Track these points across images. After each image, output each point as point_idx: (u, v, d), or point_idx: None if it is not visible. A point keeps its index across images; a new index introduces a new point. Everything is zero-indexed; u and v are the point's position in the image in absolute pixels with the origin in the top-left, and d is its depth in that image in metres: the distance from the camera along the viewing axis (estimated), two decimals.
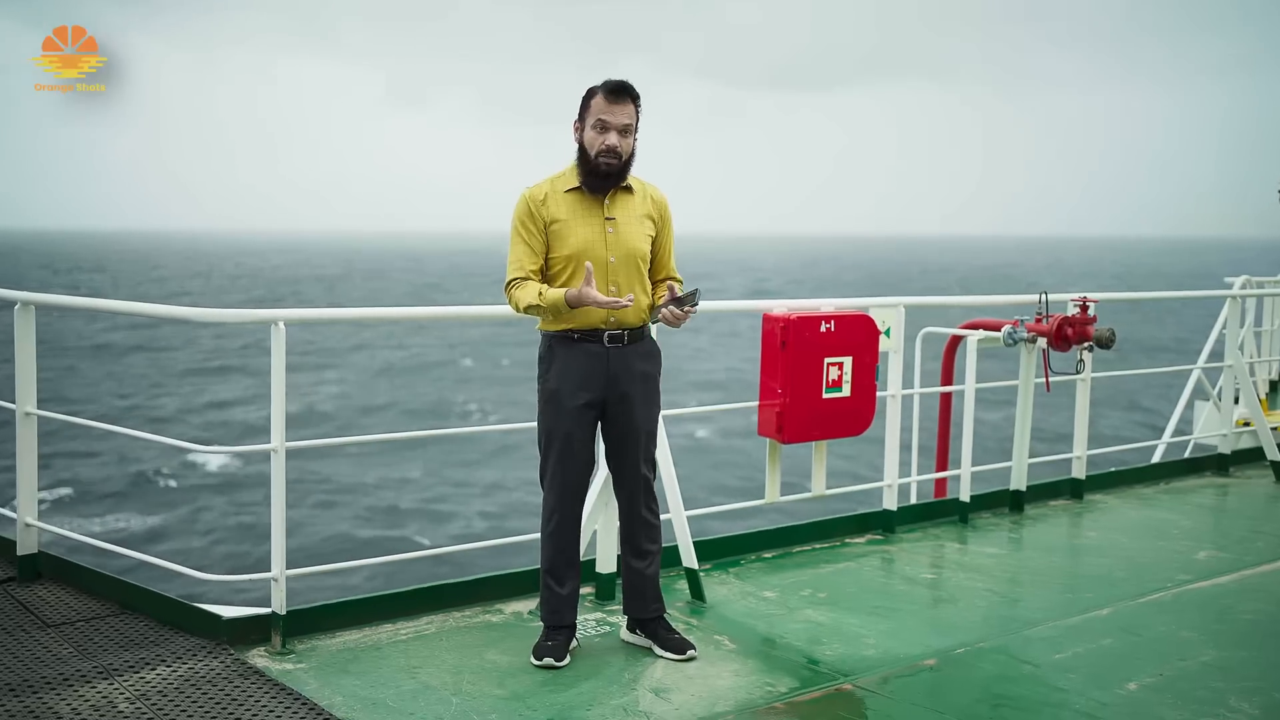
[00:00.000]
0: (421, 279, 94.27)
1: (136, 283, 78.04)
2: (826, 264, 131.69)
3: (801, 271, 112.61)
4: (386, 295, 71.91)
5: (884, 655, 4.33)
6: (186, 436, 27.33)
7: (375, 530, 19.63)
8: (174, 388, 35.10)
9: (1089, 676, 4.15)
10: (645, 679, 4.02)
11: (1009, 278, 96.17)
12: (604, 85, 4.00)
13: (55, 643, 4.12)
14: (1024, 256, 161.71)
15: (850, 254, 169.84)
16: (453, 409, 32.98)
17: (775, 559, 5.59)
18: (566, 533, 4.19)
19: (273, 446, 4.15)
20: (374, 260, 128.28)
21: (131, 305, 4.67)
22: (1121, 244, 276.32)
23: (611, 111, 3.98)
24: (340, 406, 32.42)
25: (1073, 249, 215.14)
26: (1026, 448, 6.69)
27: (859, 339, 5.46)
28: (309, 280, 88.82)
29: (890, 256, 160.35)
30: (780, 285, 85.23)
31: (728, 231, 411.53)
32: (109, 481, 22.46)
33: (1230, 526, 6.74)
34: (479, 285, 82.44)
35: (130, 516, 20.28)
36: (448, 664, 4.09)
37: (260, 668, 3.97)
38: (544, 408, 4.13)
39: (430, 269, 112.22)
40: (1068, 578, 5.49)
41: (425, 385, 36.83)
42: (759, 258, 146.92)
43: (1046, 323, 6.52)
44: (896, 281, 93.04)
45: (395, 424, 29.61)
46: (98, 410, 29.89)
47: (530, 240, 4.05)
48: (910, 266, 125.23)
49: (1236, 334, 8.17)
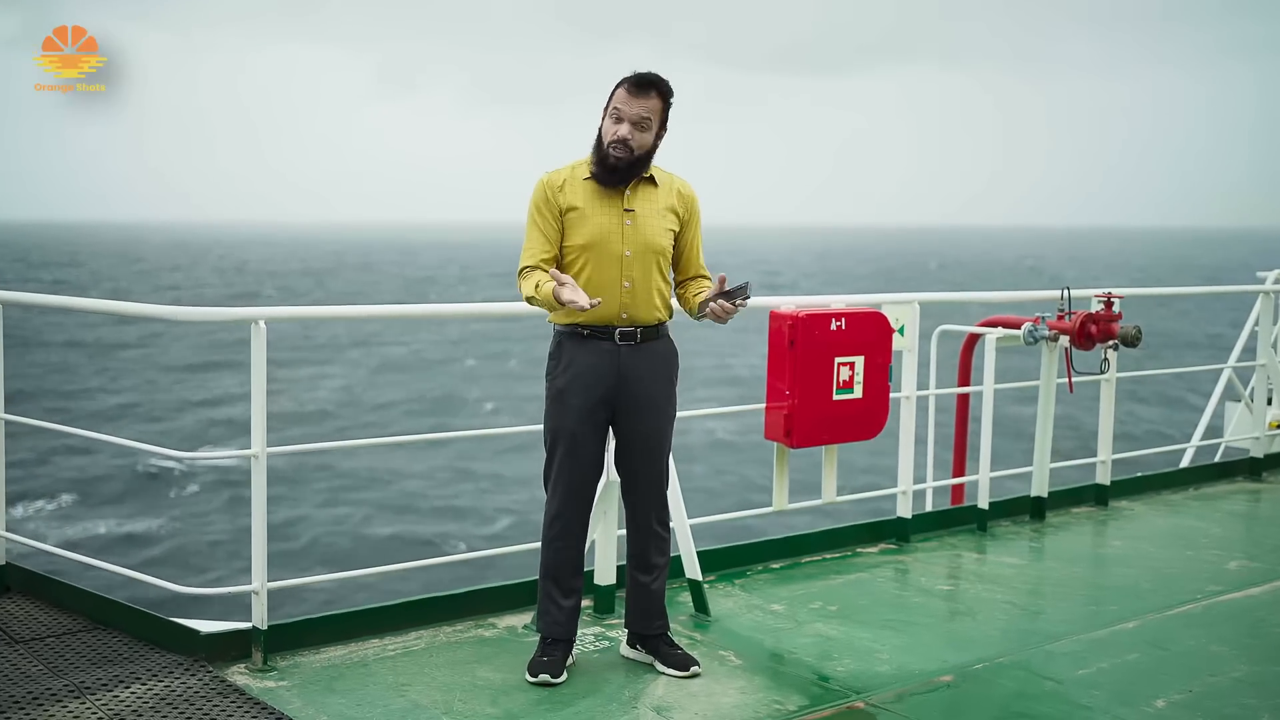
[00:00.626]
0: (415, 272, 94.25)
1: (115, 278, 77.99)
2: (840, 257, 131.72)
3: (813, 264, 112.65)
4: (377, 290, 71.86)
5: (898, 671, 4.31)
6: (183, 434, 27.36)
7: (377, 533, 19.66)
8: (166, 386, 35.08)
9: (1114, 693, 4.14)
10: (646, 697, 4.01)
11: (1031, 270, 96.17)
12: (631, 75, 3.99)
13: (24, 660, 4.11)
14: (1044, 248, 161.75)
15: (864, 246, 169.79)
16: (464, 407, 32.95)
17: (783, 570, 5.58)
18: (569, 540, 4.17)
19: (253, 452, 4.13)
20: (364, 253, 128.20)
21: (106, 304, 4.66)
22: (1146, 234, 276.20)
23: (629, 103, 3.96)
24: (341, 404, 32.42)
25: (1095, 240, 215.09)
26: (1048, 452, 6.68)
27: (871, 337, 5.45)
28: (296, 275, 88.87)
29: (905, 248, 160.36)
30: (793, 279, 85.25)
31: (735, 223, 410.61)
32: (82, 489, 22.45)
33: (1263, 535, 6.73)
34: (473, 280, 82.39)
35: (104, 526, 20.28)
36: (438, 681, 4.08)
37: (240, 685, 3.95)
38: (550, 406, 4.12)
39: (423, 261, 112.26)
40: (1092, 589, 5.48)
41: (430, 382, 36.76)
42: (767, 250, 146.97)
43: (1069, 320, 6.51)
44: (912, 275, 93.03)
45: (404, 424, 29.63)
46: (88, 409, 29.88)
47: (544, 228, 4.04)
48: (926, 258, 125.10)
49: (1270, 331, 8.15)
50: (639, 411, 4.10)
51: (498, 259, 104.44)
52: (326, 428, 28.47)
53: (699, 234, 4.24)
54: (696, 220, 4.21)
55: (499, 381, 36.61)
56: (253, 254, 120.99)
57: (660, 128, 4.04)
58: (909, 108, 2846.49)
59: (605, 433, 4.16)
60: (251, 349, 4.11)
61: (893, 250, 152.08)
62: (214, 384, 34.72)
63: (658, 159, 4.11)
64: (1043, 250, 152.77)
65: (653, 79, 3.98)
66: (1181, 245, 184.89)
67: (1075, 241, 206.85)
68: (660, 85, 3.99)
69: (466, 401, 33.80)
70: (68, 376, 35.62)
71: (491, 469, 24.00)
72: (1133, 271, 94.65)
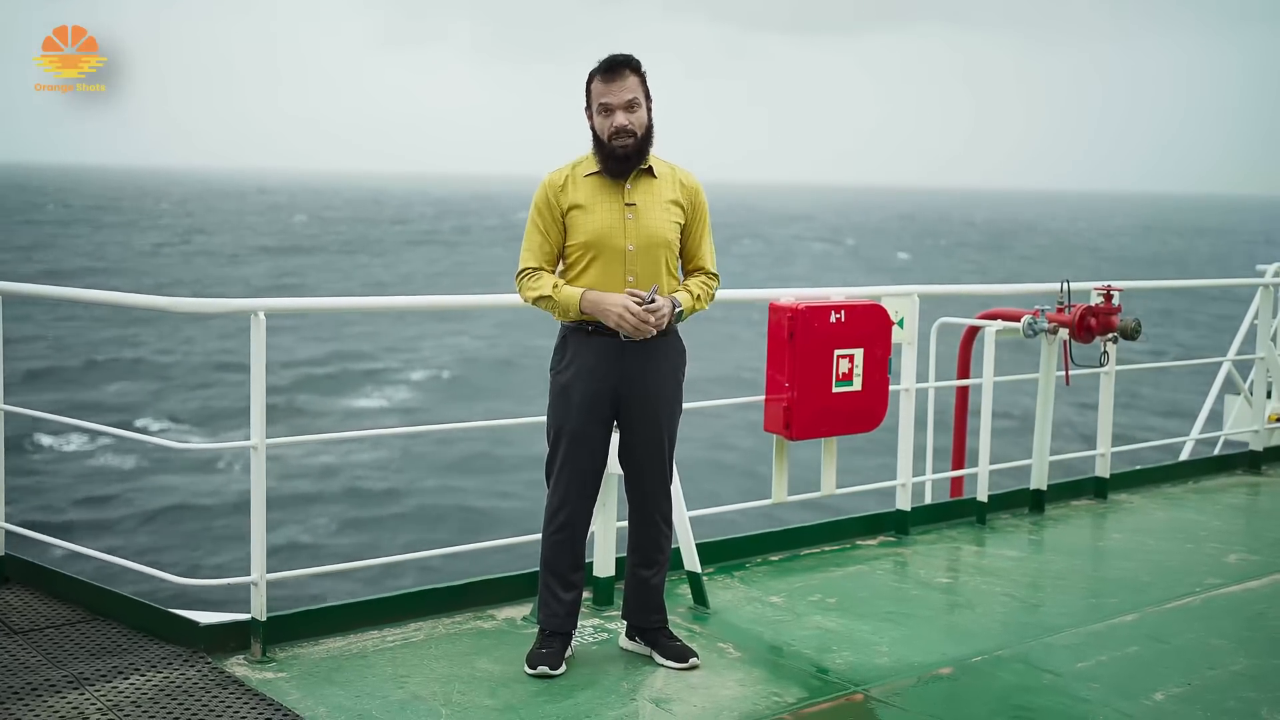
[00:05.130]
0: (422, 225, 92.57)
1: (143, 227, 75.98)
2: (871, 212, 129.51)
3: (865, 223, 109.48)
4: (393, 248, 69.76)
5: (897, 664, 4.31)
6: (195, 422, 27.26)
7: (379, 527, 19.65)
8: (181, 377, 34.92)
9: (1113, 686, 4.14)
10: (645, 689, 4.01)
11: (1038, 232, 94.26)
12: (599, 66, 3.98)
13: (23, 650, 4.11)
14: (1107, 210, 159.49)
15: (893, 202, 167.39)
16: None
17: (782, 562, 5.57)
18: (570, 534, 4.16)
19: (252, 444, 4.13)
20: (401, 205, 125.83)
21: (104, 295, 4.65)
22: (1147, 199, 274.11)
23: (610, 91, 3.96)
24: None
25: (1103, 203, 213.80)
26: (1048, 444, 6.67)
27: (871, 330, 5.44)
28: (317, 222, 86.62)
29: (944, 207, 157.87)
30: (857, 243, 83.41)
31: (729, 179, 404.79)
32: (81, 480, 22.45)
33: (1263, 528, 6.73)
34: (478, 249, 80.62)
35: (103, 517, 20.28)
36: (437, 673, 4.08)
37: (239, 677, 3.95)
38: (554, 400, 4.12)
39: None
40: (1091, 582, 5.48)
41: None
42: (788, 206, 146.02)
43: (1068, 313, 6.50)
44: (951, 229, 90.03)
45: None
46: (97, 398, 29.77)
47: (546, 229, 4.04)
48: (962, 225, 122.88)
49: (1269, 324, 8.14)
50: (643, 408, 4.09)
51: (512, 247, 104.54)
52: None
53: (704, 226, 4.19)
54: (701, 212, 4.17)
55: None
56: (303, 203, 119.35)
57: (647, 100, 4.03)
58: (920, 69, 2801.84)
59: (609, 428, 4.15)
60: (251, 340, 4.11)
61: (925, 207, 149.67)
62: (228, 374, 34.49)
63: (657, 148, 4.10)
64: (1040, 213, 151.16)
65: (620, 59, 3.98)
66: (1182, 209, 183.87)
67: (1077, 203, 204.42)
68: (630, 62, 3.99)
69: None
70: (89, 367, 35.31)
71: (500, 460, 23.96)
72: (1141, 255, 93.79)
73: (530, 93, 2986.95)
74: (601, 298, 3.92)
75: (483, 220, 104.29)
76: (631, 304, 3.89)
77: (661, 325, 3.96)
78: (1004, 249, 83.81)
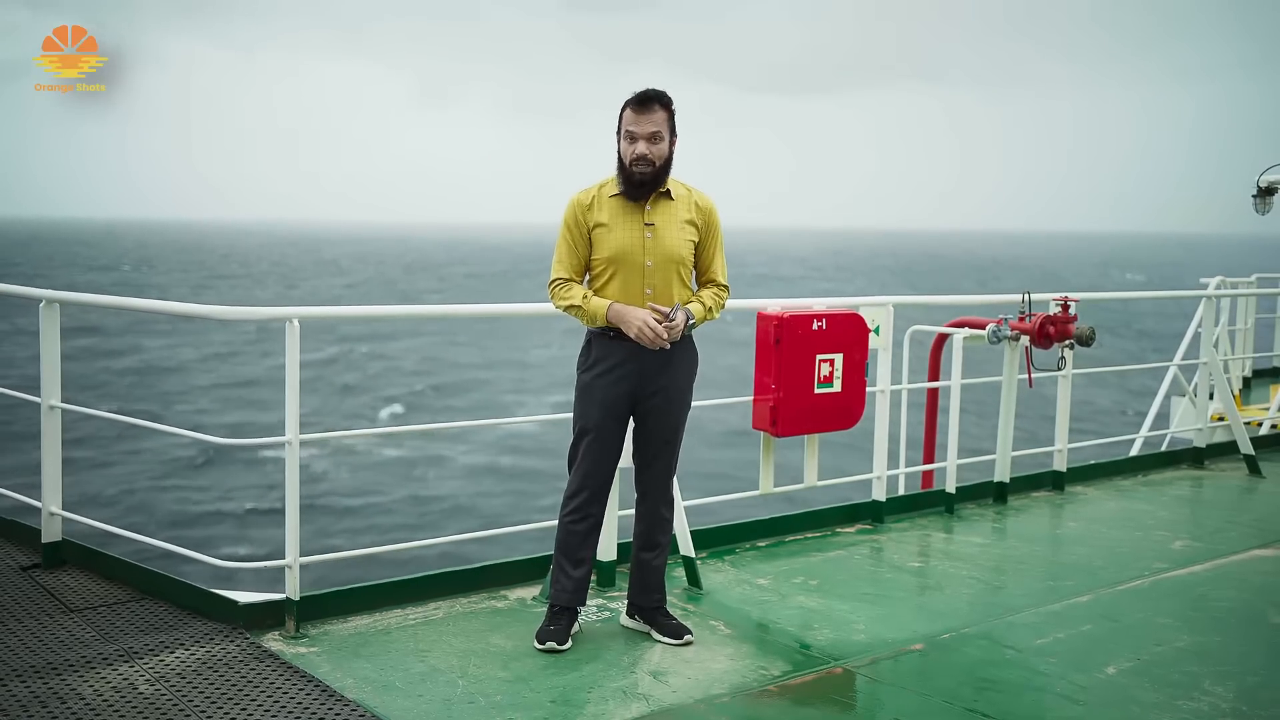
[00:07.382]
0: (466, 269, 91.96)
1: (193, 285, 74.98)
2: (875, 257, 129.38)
3: (858, 265, 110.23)
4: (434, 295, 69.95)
5: (873, 640, 4.31)
6: (233, 420, 27.26)
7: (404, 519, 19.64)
8: (222, 375, 34.85)
9: (1069, 661, 4.14)
10: (644, 663, 4.01)
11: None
12: (633, 96, 3.98)
13: (78, 627, 4.11)
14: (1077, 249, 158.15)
15: (890, 248, 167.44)
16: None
17: (769, 548, 5.58)
18: (585, 518, 4.16)
19: (287, 439, 4.14)
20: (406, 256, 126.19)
21: (150, 303, 4.66)
22: (1109, 238, 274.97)
23: (638, 121, 3.96)
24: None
25: (1067, 243, 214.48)
26: (1010, 441, 6.68)
27: (850, 337, 5.45)
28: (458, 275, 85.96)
29: (943, 249, 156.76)
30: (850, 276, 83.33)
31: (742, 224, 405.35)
32: (132, 471, 22.44)
33: (1205, 517, 6.72)
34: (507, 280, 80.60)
35: (153, 504, 20.27)
36: (455, 648, 4.08)
37: (275, 651, 3.95)
38: (579, 397, 4.14)
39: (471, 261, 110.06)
40: (1049, 566, 5.48)
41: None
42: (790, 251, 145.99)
43: (1029, 321, 6.51)
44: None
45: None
46: (141, 404, 29.77)
47: (574, 244, 4.07)
48: (970, 258, 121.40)
49: (1211, 332, 8.16)
50: (658, 407, 4.11)
51: (532, 261, 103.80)
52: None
53: (718, 243, 4.20)
54: (714, 231, 4.17)
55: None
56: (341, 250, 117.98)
57: (671, 135, 4.02)
58: (890, 126, 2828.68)
59: (626, 424, 4.17)
60: (286, 344, 4.11)
61: (930, 252, 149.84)
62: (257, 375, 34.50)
63: (677, 169, 4.11)
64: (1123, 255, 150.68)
65: (653, 94, 3.97)
66: (1138, 248, 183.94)
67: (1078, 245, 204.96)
68: (661, 98, 3.98)
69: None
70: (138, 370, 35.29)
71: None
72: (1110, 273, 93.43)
73: (549, 145, 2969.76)
74: (625, 310, 3.96)
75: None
76: (651, 319, 3.92)
77: (676, 338, 3.99)
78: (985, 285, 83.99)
